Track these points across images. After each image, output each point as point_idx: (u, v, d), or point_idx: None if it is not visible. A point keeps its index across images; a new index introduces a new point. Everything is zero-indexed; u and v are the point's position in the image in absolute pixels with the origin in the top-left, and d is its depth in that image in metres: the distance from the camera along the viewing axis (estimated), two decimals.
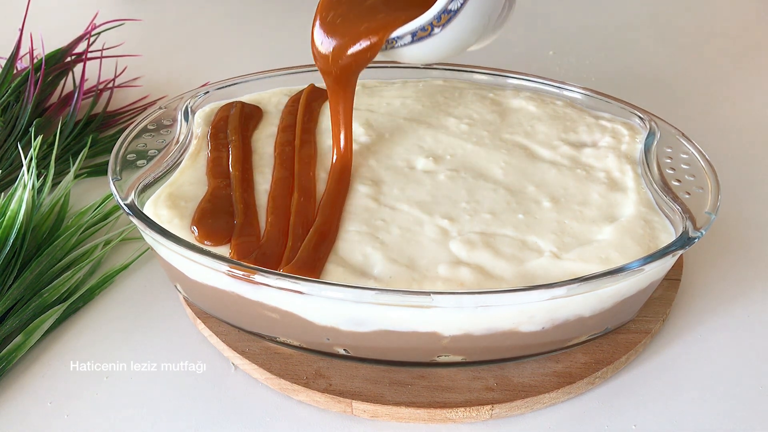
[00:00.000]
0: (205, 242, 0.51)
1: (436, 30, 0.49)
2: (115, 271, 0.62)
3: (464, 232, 0.52)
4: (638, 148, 0.60)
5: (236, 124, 0.62)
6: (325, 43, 0.55)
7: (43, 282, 0.59)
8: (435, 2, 0.50)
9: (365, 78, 0.69)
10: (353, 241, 0.52)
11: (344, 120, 0.57)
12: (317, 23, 0.55)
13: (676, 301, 0.60)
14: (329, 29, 0.54)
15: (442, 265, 0.50)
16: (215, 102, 0.65)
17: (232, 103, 0.65)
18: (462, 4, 0.48)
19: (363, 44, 0.53)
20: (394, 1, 0.54)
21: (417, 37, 0.50)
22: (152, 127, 0.61)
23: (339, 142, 0.58)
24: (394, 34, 0.51)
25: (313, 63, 0.69)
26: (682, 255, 0.62)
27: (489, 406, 0.51)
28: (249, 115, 0.63)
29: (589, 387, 0.53)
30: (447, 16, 0.49)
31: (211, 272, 0.50)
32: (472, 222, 0.53)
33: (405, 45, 0.51)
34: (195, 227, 0.52)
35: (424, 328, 0.49)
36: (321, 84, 0.68)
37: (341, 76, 0.55)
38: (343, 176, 0.56)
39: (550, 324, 0.49)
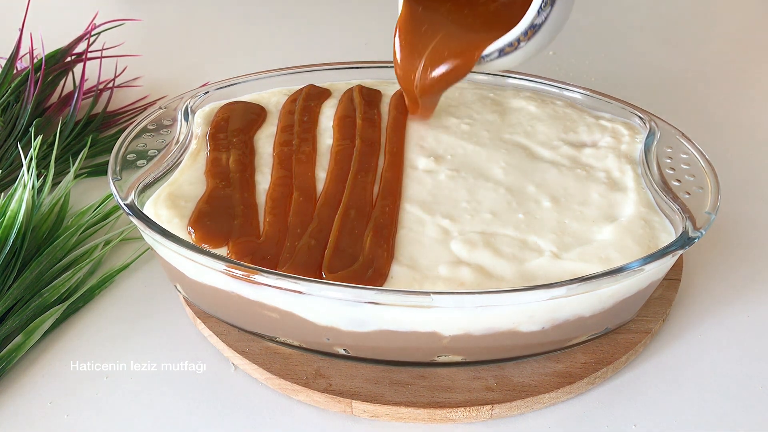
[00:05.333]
0: (203, 244, 0.51)
1: (522, 44, 0.53)
2: (115, 271, 0.62)
3: (465, 231, 0.52)
4: (638, 148, 0.60)
5: (240, 125, 0.62)
6: (416, 66, 0.58)
7: (43, 282, 0.59)
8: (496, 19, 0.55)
9: (366, 78, 0.69)
10: None
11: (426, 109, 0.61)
12: (404, 45, 0.59)
13: (676, 301, 0.60)
14: (419, 51, 0.58)
15: (442, 265, 0.50)
16: (215, 102, 0.65)
17: (233, 102, 0.65)
18: (546, 17, 0.52)
19: (457, 65, 0.57)
20: (468, 20, 0.58)
21: (504, 52, 0.54)
22: (152, 127, 0.61)
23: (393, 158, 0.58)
24: (484, 53, 0.55)
25: (313, 63, 0.70)
26: (682, 255, 0.62)
27: (489, 406, 0.51)
28: (254, 117, 0.63)
29: (589, 387, 0.53)
30: (533, 30, 0.52)
31: (211, 272, 0.50)
32: (472, 222, 0.53)
33: (492, 60, 0.55)
34: (192, 228, 0.52)
35: (424, 328, 0.49)
36: (320, 84, 0.68)
37: (430, 95, 0.59)
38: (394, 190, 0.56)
39: (550, 324, 0.50)
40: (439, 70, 0.58)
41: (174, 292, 0.60)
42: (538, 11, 0.52)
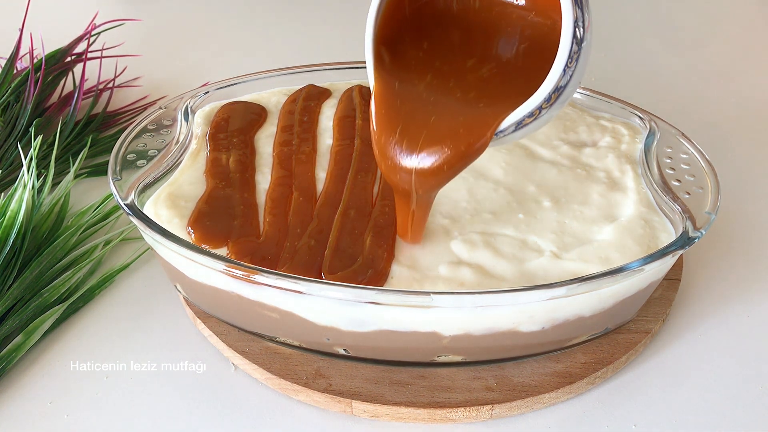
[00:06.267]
0: (202, 245, 0.51)
1: (544, 111, 0.44)
2: (115, 271, 0.62)
3: (465, 231, 0.52)
4: (638, 148, 0.60)
5: (241, 125, 0.62)
6: (405, 154, 0.46)
7: (43, 282, 0.59)
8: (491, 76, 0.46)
9: (366, 78, 0.69)
10: None
11: (417, 222, 0.50)
12: (384, 129, 0.47)
13: (676, 301, 0.60)
14: (411, 140, 0.46)
15: (442, 265, 0.50)
16: (215, 102, 0.65)
17: (233, 102, 0.65)
18: (572, 74, 0.43)
19: (466, 149, 0.46)
20: (458, 93, 0.47)
21: (522, 124, 0.44)
22: (152, 127, 0.61)
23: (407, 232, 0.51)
24: (499, 129, 0.45)
25: (313, 63, 0.69)
26: (682, 255, 0.62)
27: (489, 406, 0.51)
28: (255, 117, 0.63)
29: (589, 387, 0.53)
30: (557, 93, 0.43)
31: (211, 272, 0.50)
32: (472, 222, 0.53)
33: (507, 135, 0.45)
34: (191, 229, 0.52)
35: (424, 328, 0.49)
36: (320, 84, 0.68)
37: (433, 190, 0.49)
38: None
39: (550, 324, 0.49)
40: (445, 159, 0.46)
41: (174, 292, 0.60)
42: (564, 70, 0.43)
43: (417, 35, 0.49)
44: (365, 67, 0.68)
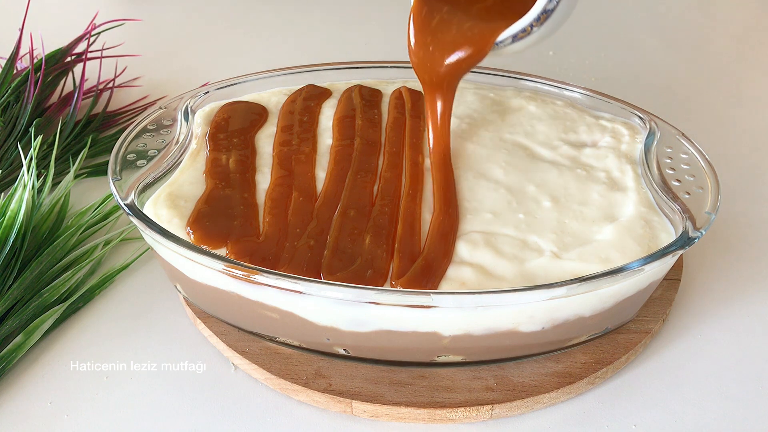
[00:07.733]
0: (202, 245, 0.51)
1: (535, 29, 0.53)
2: (115, 271, 0.62)
3: (466, 231, 0.52)
4: (638, 148, 0.60)
5: (241, 125, 0.62)
6: (431, 54, 0.58)
7: (43, 282, 0.59)
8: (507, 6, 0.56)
9: (366, 78, 0.69)
10: None
11: (442, 119, 0.59)
12: (418, 36, 0.58)
13: (676, 301, 0.60)
14: (434, 41, 0.58)
15: None
16: (215, 102, 0.65)
17: (234, 102, 0.65)
18: (558, 2, 0.52)
19: (473, 51, 0.56)
20: (475, 11, 0.58)
21: (517, 37, 0.54)
22: (152, 127, 0.61)
23: (436, 136, 0.59)
24: (498, 39, 0.55)
25: (313, 63, 0.70)
26: (682, 255, 0.62)
27: (489, 406, 0.51)
28: (255, 117, 0.63)
29: (589, 387, 0.53)
30: (545, 15, 0.53)
31: (211, 272, 0.50)
32: (473, 221, 0.53)
33: (506, 46, 0.56)
34: (191, 229, 0.52)
35: (424, 328, 0.49)
36: (320, 84, 0.68)
37: (449, 82, 0.58)
38: (445, 164, 0.58)
39: (550, 324, 0.50)
40: (456, 57, 0.57)
41: (174, 292, 0.60)
42: None
43: None
44: (365, 67, 0.69)
